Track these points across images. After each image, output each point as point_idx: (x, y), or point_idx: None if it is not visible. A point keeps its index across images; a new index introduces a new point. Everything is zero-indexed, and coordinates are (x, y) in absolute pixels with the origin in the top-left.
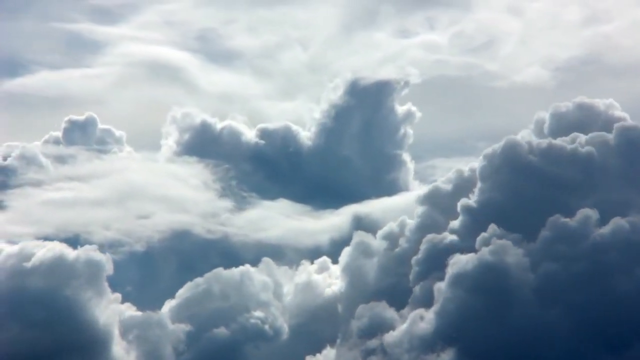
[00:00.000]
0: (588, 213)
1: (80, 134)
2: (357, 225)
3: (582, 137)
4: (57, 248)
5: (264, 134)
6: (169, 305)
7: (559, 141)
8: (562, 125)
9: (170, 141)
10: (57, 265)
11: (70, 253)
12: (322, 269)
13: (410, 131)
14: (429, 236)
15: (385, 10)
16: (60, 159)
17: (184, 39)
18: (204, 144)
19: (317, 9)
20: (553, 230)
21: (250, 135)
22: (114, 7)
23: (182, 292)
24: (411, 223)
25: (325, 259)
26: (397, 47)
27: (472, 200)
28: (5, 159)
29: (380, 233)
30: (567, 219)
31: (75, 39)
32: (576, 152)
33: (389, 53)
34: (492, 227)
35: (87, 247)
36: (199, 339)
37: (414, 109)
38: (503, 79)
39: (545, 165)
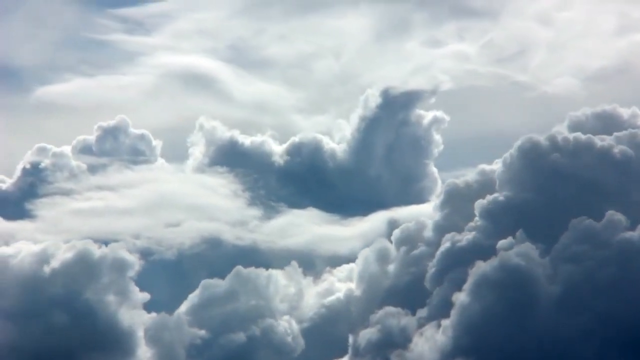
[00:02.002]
0: (615, 216)
1: (113, 139)
2: (390, 232)
3: (608, 138)
4: (81, 245)
5: (294, 146)
6: (185, 306)
7: (587, 137)
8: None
9: (198, 151)
10: (83, 262)
11: (97, 250)
12: (349, 277)
13: (439, 140)
14: (448, 235)
15: (417, 20)
16: (91, 168)
17: (216, 48)
18: (233, 157)
19: (349, 19)
20: (577, 233)
21: (280, 148)
22: (146, 17)
23: (199, 292)
24: (430, 223)
25: (352, 266)
26: (428, 57)
27: (490, 201)
28: (35, 165)
29: (396, 232)
30: (593, 221)
31: (109, 50)
32: (605, 150)
33: (419, 63)
34: (520, 233)
35: (114, 244)
36: (214, 343)
37: (441, 114)
38: (533, 89)
39: (569, 164)
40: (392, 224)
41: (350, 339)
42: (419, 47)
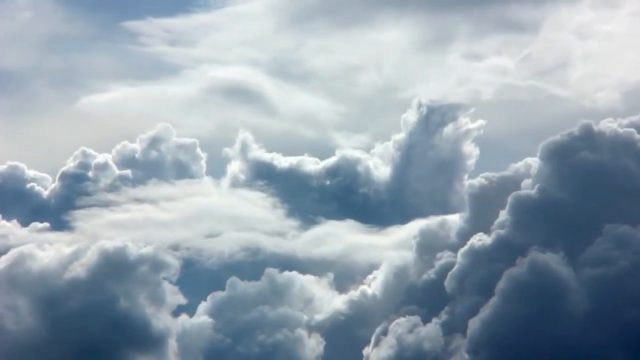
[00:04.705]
0: None
1: (155, 150)
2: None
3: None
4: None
5: (334, 163)
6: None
7: (625, 132)
8: None
9: (237, 167)
10: (120, 260)
11: (135, 250)
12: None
13: (476, 151)
14: (476, 236)
15: (458, 33)
16: (132, 178)
17: (260, 60)
18: (272, 176)
19: (391, 32)
20: (609, 239)
21: (319, 165)
22: (191, 28)
23: (225, 292)
24: (454, 226)
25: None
26: (467, 70)
27: (515, 202)
28: (76, 175)
29: (415, 235)
30: (630, 227)
31: (153, 61)
32: None
33: (458, 76)
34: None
35: (155, 245)
36: (234, 349)
37: (477, 123)
38: (572, 103)
39: (604, 162)
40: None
41: (364, 353)
42: (458, 61)
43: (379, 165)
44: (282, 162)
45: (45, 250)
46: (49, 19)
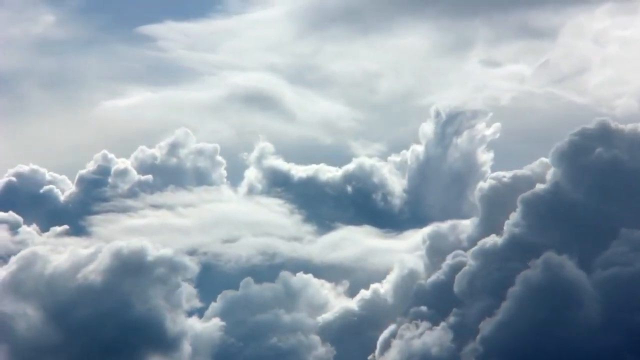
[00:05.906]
0: None
1: (174, 156)
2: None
3: None
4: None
5: (352, 171)
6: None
7: None
8: None
9: (255, 172)
10: (138, 262)
11: (153, 251)
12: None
13: (491, 155)
14: (488, 238)
15: (476, 40)
16: (150, 185)
17: (279, 66)
18: (289, 185)
19: (409, 38)
20: (625, 243)
21: (337, 173)
22: (210, 34)
23: (239, 293)
24: (466, 229)
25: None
26: (485, 77)
27: (525, 205)
28: (94, 180)
29: (424, 238)
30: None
31: (172, 66)
32: None
33: (476, 83)
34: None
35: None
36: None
37: (493, 129)
38: (589, 109)
39: (622, 163)
40: None
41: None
42: (477, 67)
43: (396, 174)
44: (300, 171)
45: (59, 253)
46: (68, 24)
